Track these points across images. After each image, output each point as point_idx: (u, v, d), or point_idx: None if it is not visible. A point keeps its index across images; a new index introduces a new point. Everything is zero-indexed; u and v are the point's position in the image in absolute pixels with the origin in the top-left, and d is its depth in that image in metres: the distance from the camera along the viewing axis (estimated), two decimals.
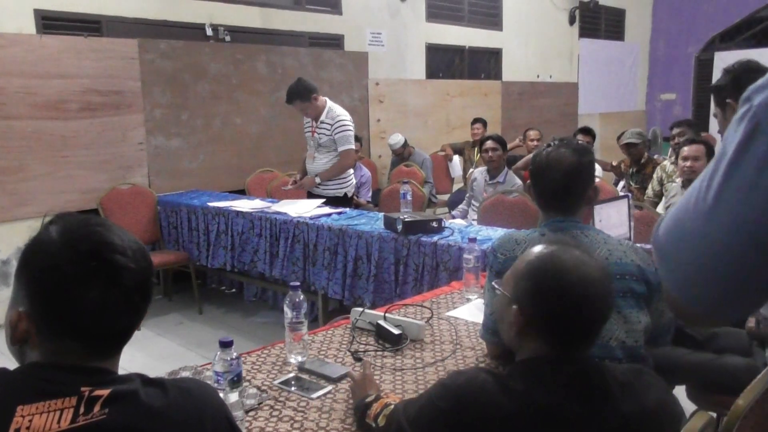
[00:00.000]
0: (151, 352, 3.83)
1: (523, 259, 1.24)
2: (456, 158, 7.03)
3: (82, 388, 0.88)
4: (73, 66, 4.60)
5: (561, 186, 1.72)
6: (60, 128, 4.58)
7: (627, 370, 1.19)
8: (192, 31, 5.36)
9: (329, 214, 3.89)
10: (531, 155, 4.98)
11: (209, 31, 5.41)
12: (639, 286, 1.63)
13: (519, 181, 4.52)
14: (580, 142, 2.00)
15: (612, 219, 2.77)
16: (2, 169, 4.34)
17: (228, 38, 5.53)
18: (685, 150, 3.72)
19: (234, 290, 5.08)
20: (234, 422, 1.04)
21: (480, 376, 1.14)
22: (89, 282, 0.90)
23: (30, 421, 0.84)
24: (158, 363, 3.56)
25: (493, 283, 1.32)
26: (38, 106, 4.46)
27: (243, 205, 4.35)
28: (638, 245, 1.77)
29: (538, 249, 1.24)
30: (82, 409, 0.86)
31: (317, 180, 4.31)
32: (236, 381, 1.46)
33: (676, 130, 4.81)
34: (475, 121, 6.88)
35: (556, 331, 1.17)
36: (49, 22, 4.56)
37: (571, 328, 1.16)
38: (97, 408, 0.87)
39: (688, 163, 3.67)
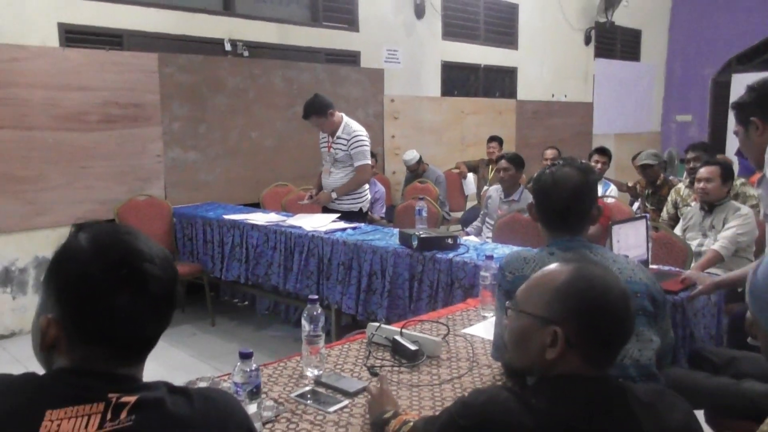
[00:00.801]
0: (164, 363, 3.83)
1: (553, 279, 1.20)
2: (470, 176, 7.04)
3: (110, 395, 0.89)
4: (95, 78, 4.68)
5: (566, 205, 1.72)
6: (80, 139, 4.64)
7: (649, 390, 1.19)
8: (211, 46, 5.43)
9: (344, 229, 3.90)
10: None
11: (228, 46, 5.49)
12: (649, 304, 1.64)
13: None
14: (585, 161, 2.01)
15: (629, 239, 2.77)
16: (23, 178, 4.41)
17: (246, 53, 5.60)
18: (700, 171, 3.72)
19: (246, 303, 5.09)
20: None
21: (502, 393, 1.13)
22: (119, 289, 0.91)
23: (58, 425, 0.85)
24: (171, 374, 3.53)
25: (508, 305, 1.29)
26: (59, 118, 4.53)
27: (258, 218, 4.38)
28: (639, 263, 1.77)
29: (566, 268, 1.21)
30: (109, 415, 0.87)
31: (333, 195, 4.32)
32: (255, 392, 1.46)
33: (691, 154, 4.78)
34: (491, 139, 6.89)
35: (601, 348, 1.15)
36: (72, 36, 4.65)
37: (614, 345, 1.16)
38: (123, 414, 0.88)
39: (701, 185, 3.66)
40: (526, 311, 1.22)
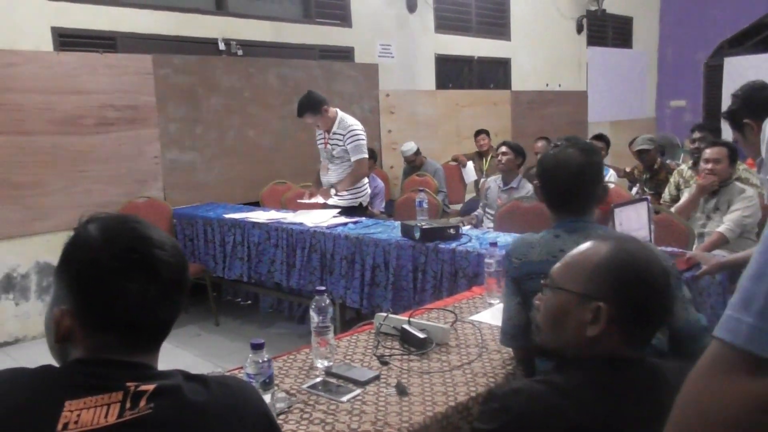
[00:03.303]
0: (170, 364, 3.79)
1: (593, 255, 1.17)
2: (470, 164, 7.04)
3: (128, 383, 0.89)
4: (89, 82, 4.65)
5: (570, 186, 1.71)
6: (77, 143, 4.62)
7: (675, 369, 1.17)
8: (205, 46, 5.41)
9: (345, 224, 3.89)
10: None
11: (222, 46, 5.47)
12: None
13: (532, 187, 4.52)
14: (590, 141, 1.99)
15: (632, 222, 2.77)
16: (21, 183, 4.39)
17: (240, 52, 5.58)
18: (707, 152, 3.66)
19: (249, 302, 5.08)
20: (273, 418, 1.05)
21: (537, 388, 1.10)
22: (130, 275, 0.91)
23: (78, 416, 0.84)
24: None
25: (543, 282, 1.26)
26: (55, 122, 4.51)
27: (259, 216, 4.37)
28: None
29: (605, 243, 1.18)
30: (128, 404, 0.87)
31: (332, 191, 4.31)
32: (268, 383, 1.46)
33: (697, 134, 4.74)
34: (479, 132, 6.94)
35: (642, 325, 1.14)
36: (66, 39, 4.62)
37: (654, 322, 1.15)
38: (142, 403, 0.88)
39: (709, 166, 3.60)
40: (565, 288, 1.19)
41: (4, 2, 4.31)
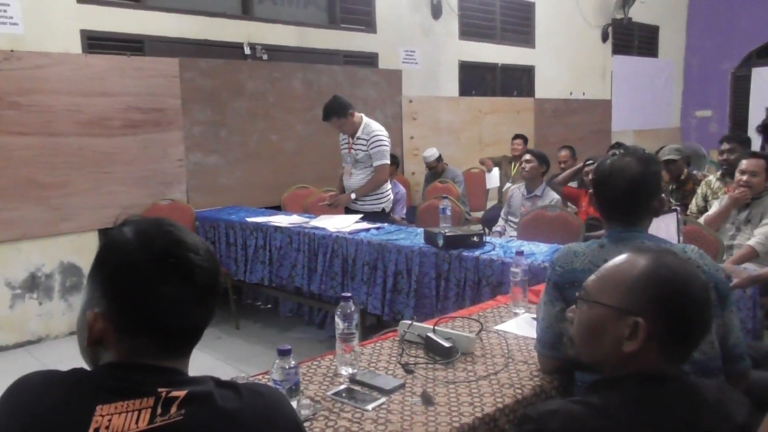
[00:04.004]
0: (191, 366, 3.84)
1: (631, 267, 1.14)
2: (495, 170, 6.98)
3: (159, 389, 0.88)
4: (117, 84, 4.70)
5: (623, 196, 1.67)
6: (103, 145, 4.67)
7: (713, 387, 1.14)
8: (231, 50, 5.45)
9: (368, 229, 3.88)
10: (573, 170, 4.92)
11: (247, 50, 5.50)
12: (713, 294, 1.58)
13: (557, 196, 4.48)
14: (649, 152, 1.94)
15: (660, 233, 2.71)
16: (47, 184, 4.44)
17: (265, 57, 5.61)
18: (744, 164, 3.53)
19: (270, 306, 5.08)
20: (303, 427, 1.03)
21: (574, 410, 1.06)
22: (165, 278, 0.91)
23: (109, 420, 0.83)
24: None
25: (578, 295, 1.22)
26: (83, 124, 4.56)
27: (281, 220, 4.37)
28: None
29: (644, 256, 1.15)
30: (159, 410, 0.86)
31: (353, 196, 4.30)
32: (294, 389, 1.45)
33: (725, 146, 4.64)
34: (516, 137, 6.85)
35: (681, 342, 1.10)
36: (95, 42, 4.68)
37: (694, 338, 1.11)
38: (173, 409, 0.87)
39: (745, 177, 3.48)
40: (601, 302, 1.15)
41: (34, 4, 4.38)
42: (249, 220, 4.50)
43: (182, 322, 0.94)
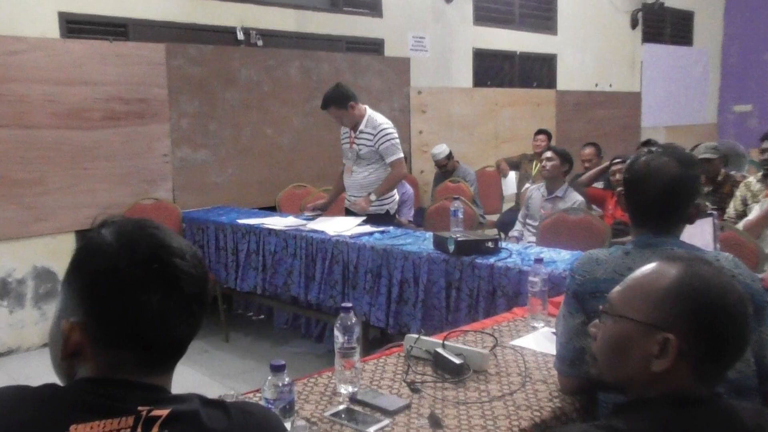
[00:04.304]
0: (175, 382, 3.85)
1: (660, 278, 1.13)
2: (512, 174, 6.96)
3: (140, 407, 0.88)
4: (97, 72, 4.73)
5: (657, 200, 1.65)
6: (82, 138, 4.69)
7: (750, 411, 1.13)
8: (222, 35, 5.47)
9: (371, 233, 3.88)
10: (598, 169, 4.91)
11: (240, 35, 5.52)
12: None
13: (580, 198, 4.48)
14: (689, 151, 1.91)
15: (694, 240, 2.69)
16: (21, 181, 4.46)
17: (260, 42, 5.63)
18: None
19: (263, 316, 5.09)
20: None
21: None
22: (149, 286, 0.90)
23: None
24: None
25: (602, 308, 1.21)
26: (60, 115, 4.59)
27: (276, 222, 4.38)
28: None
29: (674, 265, 1.14)
30: (139, 430, 0.86)
31: (372, 197, 4.26)
32: (288, 410, 1.45)
33: (766, 144, 4.62)
34: (539, 132, 6.81)
35: (715, 360, 1.09)
36: (74, 26, 4.70)
37: (729, 357, 1.10)
38: (155, 429, 0.87)
39: None
40: (627, 316, 1.14)
41: None
42: (241, 222, 4.50)
43: (166, 334, 0.93)
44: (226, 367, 4.21)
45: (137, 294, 0.90)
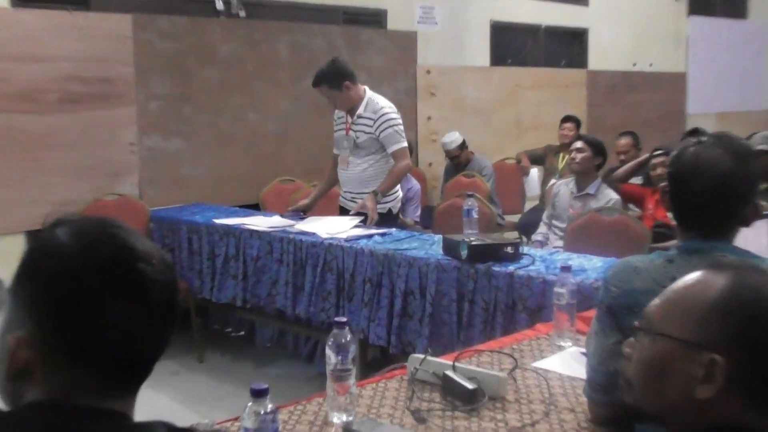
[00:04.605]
0: (140, 410, 3.85)
1: (704, 290, 1.13)
2: (533, 172, 6.92)
3: None
4: (53, 47, 4.74)
5: (708, 199, 1.65)
6: (34, 124, 4.71)
7: None
8: (199, 5, 5.50)
9: (370, 236, 3.89)
10: (636, 162, 4.92)
11: (220, 5, 5.53)
12: None
13: (615, 196, 4.48)
14: (746, 142, 1.91)
15: (749, 244, 2.70)
16: None
17: (243, 13, 5.64)
18: None
19: (243, 333, 5.09)
20: None
21: None
22: (110, 294, 0.90)
23: None
24: None
25: (637, 325, 1.23)
26: (8, 97, 4.60)
27: (259, 222, 4.39)
28: None
29: (721, 276, 1.13)
30: None
31: (379, 197, 4.24)
32: None
33: None
34: (566, 119, 6.78)
35: None
36: None
37: None
38: None
39: None
40: (667, 334, 1.14)
41: None
42: (218, 222, 4.52)
43: (130, 350, 0.93)
44: (200, 391, 4.22)
45: (96, 303, 0.90)
